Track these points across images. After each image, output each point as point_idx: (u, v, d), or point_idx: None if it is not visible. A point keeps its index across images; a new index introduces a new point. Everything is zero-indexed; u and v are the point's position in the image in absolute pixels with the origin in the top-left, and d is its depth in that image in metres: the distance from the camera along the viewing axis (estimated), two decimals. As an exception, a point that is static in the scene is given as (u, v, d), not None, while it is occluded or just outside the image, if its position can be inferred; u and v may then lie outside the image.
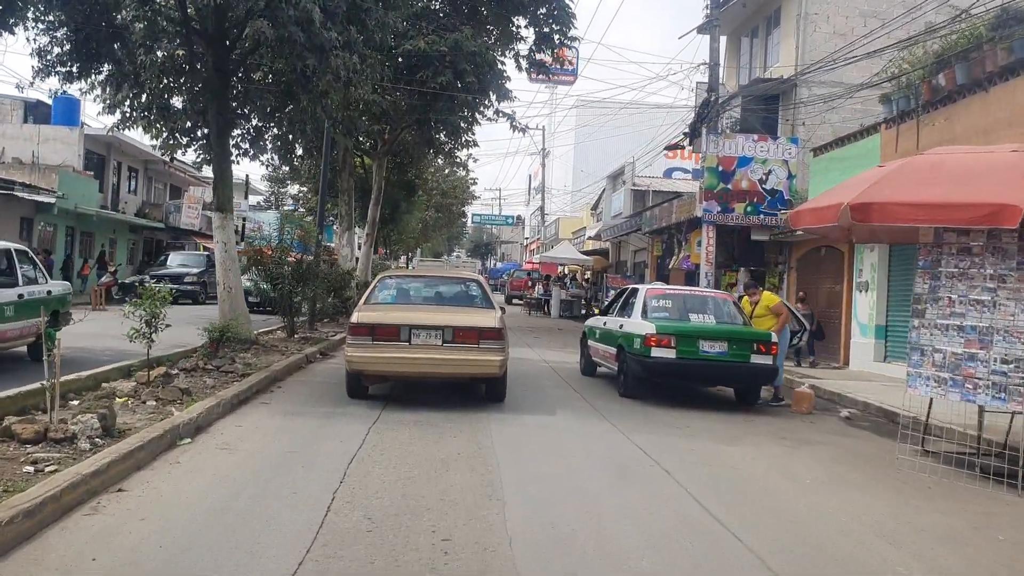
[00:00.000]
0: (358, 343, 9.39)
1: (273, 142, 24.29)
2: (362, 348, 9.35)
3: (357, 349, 9.39)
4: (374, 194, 26.41)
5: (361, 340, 9.37)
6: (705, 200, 20.33)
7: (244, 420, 8.10)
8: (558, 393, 11.18)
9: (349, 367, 9.62)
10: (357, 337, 9.41)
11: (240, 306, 13.20)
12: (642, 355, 10.29)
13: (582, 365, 13.41)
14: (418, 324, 9.33)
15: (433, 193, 43.66)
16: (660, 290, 11.49)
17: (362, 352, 9.37)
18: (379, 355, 9.32)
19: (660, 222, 23.65)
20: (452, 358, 9.27)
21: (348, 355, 9.46)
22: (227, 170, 13.72)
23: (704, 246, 20.46)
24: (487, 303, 10.52)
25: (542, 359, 15.63)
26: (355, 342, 9.42)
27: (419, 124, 22.43)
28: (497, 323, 9.56)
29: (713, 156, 20.46)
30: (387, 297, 10.77)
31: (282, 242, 15.64)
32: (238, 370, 10.56)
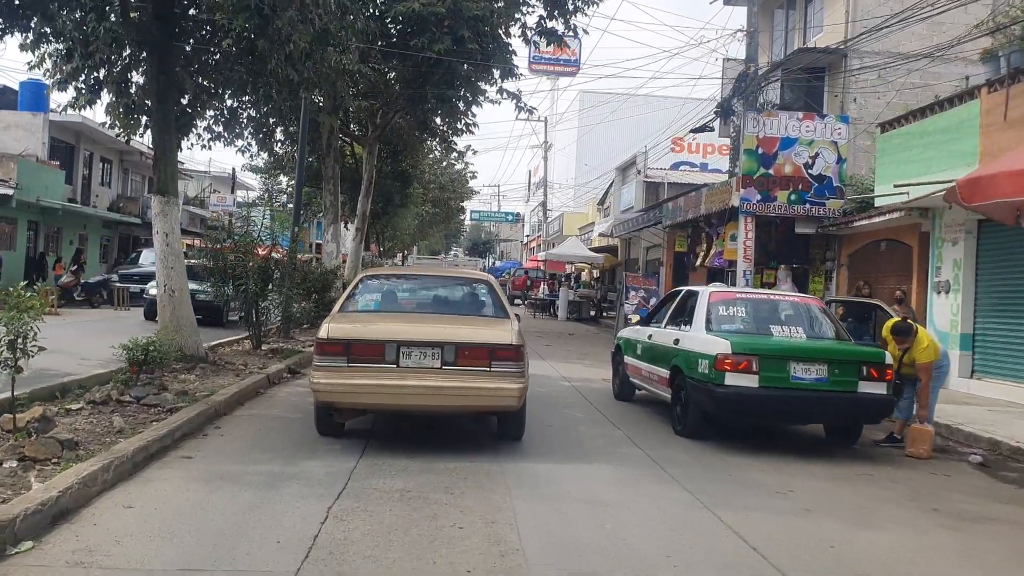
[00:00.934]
0: (328, 365, 6.86)
1: (249, 125, 21.79)
2: (333, 372, 6.81)
3: (327, 374, 6.84)
4: (364, 184, 23.74)
5: (332, 361, 6.85)
6: (743, 187, 17.63)
7: (141, 494, 5.39)
8: (594, 431, 8.45)
9: (316, 398, 7.06)
10: (327, 357, 6.89)
11: (185, 314, 10.49)
12: (711, 382, 7.59)
13: (615, 387, 10.70)
14: (409, 339, 6.83)
15: (431, 187, 40.90)
16: (728, 294, 8.75)
17: (333, 378, 6.81)
18: (356, 382, 6.78)
19: (685, 214, 20.94)
20: (454, 386, 6.76)
21: (314, 381, 6.92)
22: (170, 143, 11.01)
23: (741, 240, 17.77)
24: (501, 311, 7.92)
25: (560, 375, 12.93)
26: (324, 364, 6.89)
27: (413, 102, 19.70)
28: (515, 338, 6.96)
29: (752, 137, 17.76)
30: (369, 303, 8.16)
31: (247, 235, 12.89)
32: (166, 402, 7.84)
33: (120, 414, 7.38)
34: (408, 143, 26.65)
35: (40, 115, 30.06)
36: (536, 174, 70.39)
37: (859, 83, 18.13)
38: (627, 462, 7.04)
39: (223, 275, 12.41)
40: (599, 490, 6.03)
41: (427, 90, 18.37)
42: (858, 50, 17.95)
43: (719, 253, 19.81)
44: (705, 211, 19.63)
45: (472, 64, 18.04)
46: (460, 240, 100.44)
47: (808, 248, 18.74)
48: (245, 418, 8.10)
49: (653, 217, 24.95)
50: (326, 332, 6.97)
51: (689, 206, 20.86)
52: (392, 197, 28.88)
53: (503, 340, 6.90)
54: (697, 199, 20.29)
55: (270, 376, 10.31)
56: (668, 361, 8.58)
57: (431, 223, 45.55)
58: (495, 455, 7.00)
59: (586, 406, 9.94)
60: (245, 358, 11.84)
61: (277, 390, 10.00)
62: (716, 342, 7.72)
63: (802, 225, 17.93)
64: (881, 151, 14.49)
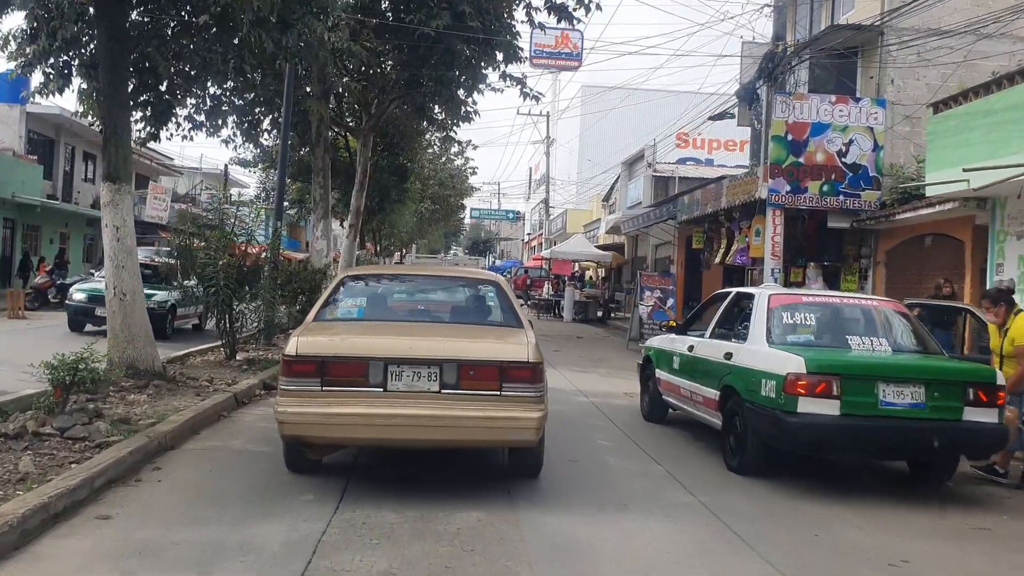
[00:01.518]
0: (297, 390, 5.42)
1: (234, 114, 20.23)
2: (304, 399, 5.38)
3: (296, 400, 5.39)
4: (358, 178, 22.16)
5: (302, 384, 5.41)
6: (771, 177, 16.06)
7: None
8: (628, 465, 6.87)
9: (282, 431, 5.54)
10: (296, 379, 5.43)
11: (138, 322, 8.91)
12: (779, 409, 6.03)
13: (644, 406, 9.11)
14: (400, 356, 5.42)
15: (430, 183, 39.33)
16: (792, 297, 7.14)
17: (304, 405, 5.36)
18: (332, 411, 5.34)
19: (703, 208, 19.37)
20: (456, 416, 5.34)
21: (280, 411, 5.41)
22: (122, 120, 9.45)
23: (769, 236, 16.20)
24: (513, 319, 6.46)
25: (575, 387, 11.35)
26: (293, 388, 5.44)
27: (409, 86, 18.13)
28: (531, 353, 5.53)
29: (781, 122, 16.19)
30: (351, 310, 6.59)
31: (221, 228, 11.32)
32: (97, 435, 6.28)
33: (33, 452, 5.82)
34: (405, 134, 25.08)
35: (16, 107, 28.50)
36: (537, 171, 68.83)
37: (896, 63, 16.55)
38: (678, 515, 5.47)
39: (187, 275, 10.85)
40: (652, 562, 4.47)
41: (424, 72, 16.81)
42: (895, 27, 16.38)
43: (742, 250, 18.24)
44: (726, 204, 18.06)
45: (473, 44, 16.48)
46: (460, 239, 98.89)
47: (841, 244, 17.17)
48: (196, 453, 6.52)
49: (666, 212, 23.37)
50: (294, 347, 5.48)
51: (708, 199, 19.29)
52: (388, 192, 27.28)
53: (517, 356, 5.49)
54: (717, 191, 18.72)
55: (238, 395, 8.74)
56: (717, 380, 7.01)
57: (430, 221, 43.95)
58: (509, 503, 5.50)
59: (612, 430, 8.37)
60: (214, 371, 10.28)
61: (245, 412, 8.43)
62: (785, 358, 6.15)
63: (835, 219, 16.36)
64: (933, 134, 12.91)
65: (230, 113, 19.99)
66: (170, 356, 11.13)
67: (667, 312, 18.06)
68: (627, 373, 13.44)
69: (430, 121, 19.95)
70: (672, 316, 18.11)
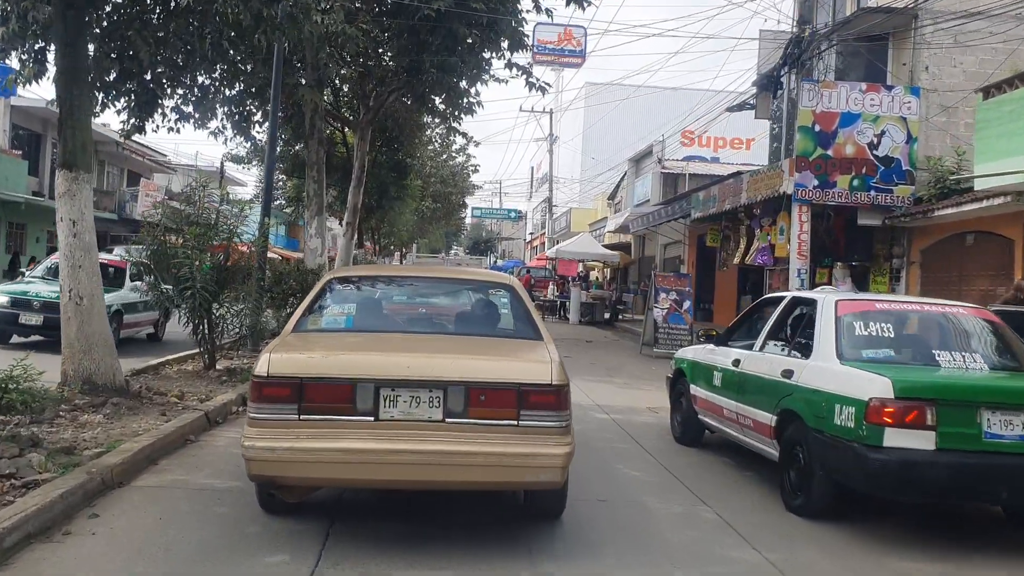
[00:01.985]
0: (269, 419, 4.42)
1: (224, 105, 19.16)
2: (277, 430, 4.38)
3: (267, 432, 4.39)
4: (355, 173, 21.10)
5: (275, 412, 4.42)
6: (798, 171, 14.94)
7: None
8: (670, 507, 5.72)
9: (249, 470, 4.48)
10: (267, 405, 4.45)
11: (98, 330, 7.77)
12: (860, 442, 4.91)
13: (676, 426, 7.96)
14: (395, 376, 4.44)
15: (431, 180, 38.19)
16: (864, 304, 5.97)
17: (277, 438, 4.35)
18: (312, 446, 4.35)
19: (721, 204, 18.23)
20: (464, 452, 4.35)
21: (247, 445, 4.39)
22: (81, 100, 8.31)
23: (795, 233, 15.09)
24: (530, 330, 5.47)
25: (592, 401, 10.22)
26: (264, 416, 4.44)
27: (409, 73, 17.02)
28: (555, 374, 4.54)
29: (808, 111, 15.08)
30: (338, 319, 5.58)
31: (198, 223, 10.20)
32: (29, 468, 5.17)
33: (-61, 495, 4.70)
34: (404, 128, 23.96)
35: (0, 100, 27.38)
36: (539, 169, 67.70)
37: (931, 48, 15.43)
38: (743, 579, 4.35)
39: (161, 275, 9.75)
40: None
41: (425, 59, 15.69)
42: (929, 9, 15.27)
43: (763, 249, 17.11)
44: (747, 200, 16.93)
45: (476, 27, 15.37)
46: (461, 239, 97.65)
47: (871, 242, 16.05)
48: (149, 493, 5.39)
49: (678, 209, 22.25)
50: (265, 365, 4.49)
51: (726, 195, 18.16)
52: (387, 189, 26.16)
53: (538, 376, 4.51)
54: (736, 187, 17.58)
55: (211, 413, 7.61)
56: (773, 402, 5.88)
57: (431, 219, 42.80)
58: (529, 559, 4.41)
59: (641, 457, 7.23)
60: (188, 384, 9.16)
61: (217, 434, 7.29)
62: (866, 380, 5.02)
63: (866, 216, 15.24)
64: (983, 122, 11.79)
65: (220, 104, 19.01)
66: (140, 367, 10.02)
67: (683, 315, 16.94)
68: (646, 383, 12.32)
69: (431, 112, 18.78)
70: (689, 319, 17.01)
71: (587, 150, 53.05)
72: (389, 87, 20.00)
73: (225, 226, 10.43)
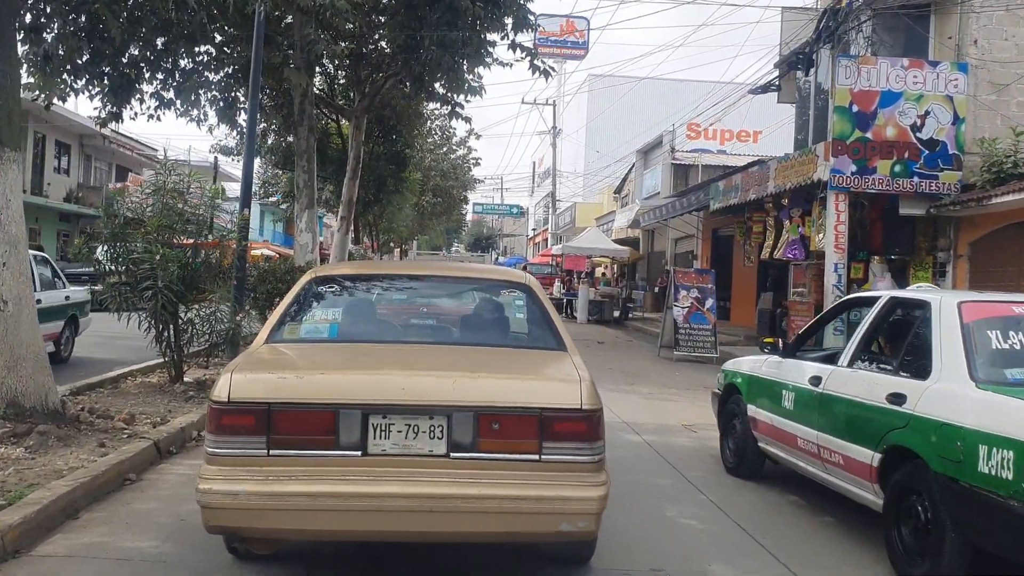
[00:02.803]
0: (231, 454, 3.61)
1: (208, 91, 17.87)
2: (240, 468, 3.58)
3: (228, 471, 3.59)
4: (351, 164, 19.80)
5: (239, 446, 3.60)
6: (834, 155, 13.57)
7: None
8: (738, 571, 4.37)
9: (206, 520, 3.63)
10: (228, 438, 3.61)
11: (26, 340, 6.40)
12: (1019, 498, 3.53)
13: (729, 455, 6.56)
14: (387, 400, 3.64)
15: (431, 174, 36.84)
16: (998, 306, 4.54)
17: (240, 480, 3.55)
18: (284, 490, 3.54)
19: (745, 193, 16.85)
20: (474, 496, 3.56)
21: (204, 488, 3.56)
22: (7, 63, 6.91)
23: (831, 225, 13.73)
24: (552, 339, 4.55)
25: (618, 417, 8.85)
26: (224, 451, 3.61)
27: (406, 52, 15.65)
28: (587, 395, 3.70)
29: (845, 91, 13.71)
30: (320, 326, 4.67)
31: (162, 214, 8.84)
32: None
33: None
34: (403, 117, 22.60)
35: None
36: (541, 164, 66.33)
37: (980, 20, 14.04)
38: None
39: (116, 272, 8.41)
40: None
41: (423, 35, 14.33)
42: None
43: (794, 242, 15.74)
44: (774, 189, 15.54)
45: (480, 0, 14.02)
46: (461, 235, 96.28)
47: (913, 234, 14.66)
48: (51, 568, 4.02)
49: (695, 201, 20.87)
50: (225, 388, 3.63)
51: (750, 184, 16.77)
52: (385, 182, 24.81)
53: (565, 399, 3.68)
54: (762, 174, 16.20)
55: (162, 442, 6.25)
56: (876, 435, 4.51)
57: (431, 214, 41.42)
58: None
59: (693, 497, 5.84)
60: (145, 402, 7.81)
61: (168, 469, 5.94)
62: None
63: (908, 204, 13.86)
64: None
65: (203, 89, 17.70)
66: (97, 380, 8.67)
67: (705, 314, 15.57)
68: (674, 393, 10.98)
69: (430, 95, 17.39)
70: (712, 319, 15.64)
71: (590, 143, 51.75)
72: (386, 72, 18.69)
73: (195, 218, 9.06)
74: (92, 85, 16.24)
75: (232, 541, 4.03)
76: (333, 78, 23.42)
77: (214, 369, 10.32)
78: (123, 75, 16.57)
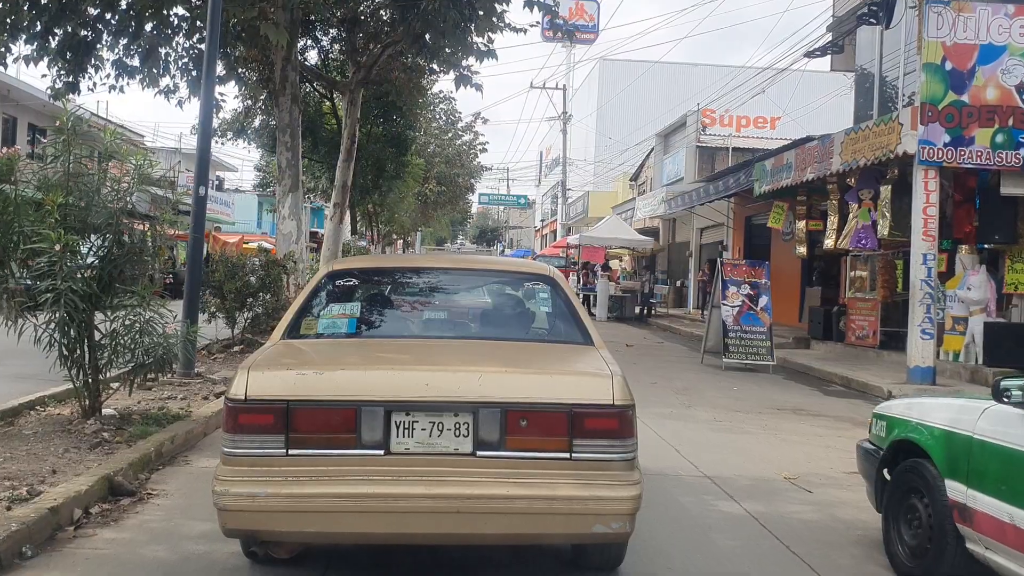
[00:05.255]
0: (250, 455, 3.47)
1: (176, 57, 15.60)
2: (260, 469, 3.44)
3: (247, 472, 3.44)
4: (345, 145, 17.51)
5: (258, 447, 3.46)
6: (923, 123, 11.20)
7: None
8: None
9: (223, 523, 3.49)
10: (246, 438, 3.47)
11: None
12: None
13: (904, 551, 4.12)
14: (410, 397, 3.51)
15: (435, 160, 34.49)
16: None
17: (259, 482, 3.40)
18: (304, 491, 3.40)
19: (800, 173, 14.40)
20: (503, 496, 3.41)
21: (221, 490, 3.41)
22: None
23: (919, 207, 11.37)
24: (578, 333, 4.35)
25: (687, 460, 6.52)
26: (242, 452, 3.48)
27: (404, 10, 13.30)
28: (619, 390, 3.51)
29: (936, 43, 11.33)
30: (337, 321, 4.40)
31: (65, 188, 6.52)
32: None
33: None
34: (403, 92, 20.21)
35: (-64, 68, 23.70)
36: (549, 154, 63.87)
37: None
38: None
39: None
40: None
41: None
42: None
43: (864, 229, 13.37)
44: (841, 167, 13.15)
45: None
46: (467, 228, 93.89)
47: (1012, 219, 12.27)
48: None
49: (735, 184, 18.47)
50: (243, 385, 3.46)
51: (807, 161, 14.36)
52: (384, 165, 22.44)
53: (596, 395, 3.51)
54: (824, 150, 13.80)
55: (4, 547, 3.89)
56: None
57: (435, 204, 39.04)
58: None
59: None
60: (32, 452, 5.52)
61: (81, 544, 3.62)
62: None
63: (1012, 183, 11.51)
64: None
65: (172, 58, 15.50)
66: None
67: (759, 315, 13.20)
68: (745, 419, 8.64)
69: (432, 55, 14.99)
70: (767, 319, 13.26)
71: (601, 130, 49.41)
72: (383, 41, 16.40)
73: (114, 194, 6.75)
74: (43, 51, 14.07)
75: (250, 544, 3.92)
76: (327, 51, 21.13)
77: (157, 392, 8.03)
78: (79, 40, 14.36)
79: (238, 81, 18.02)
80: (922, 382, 11.10)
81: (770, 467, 6.43)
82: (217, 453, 6.31)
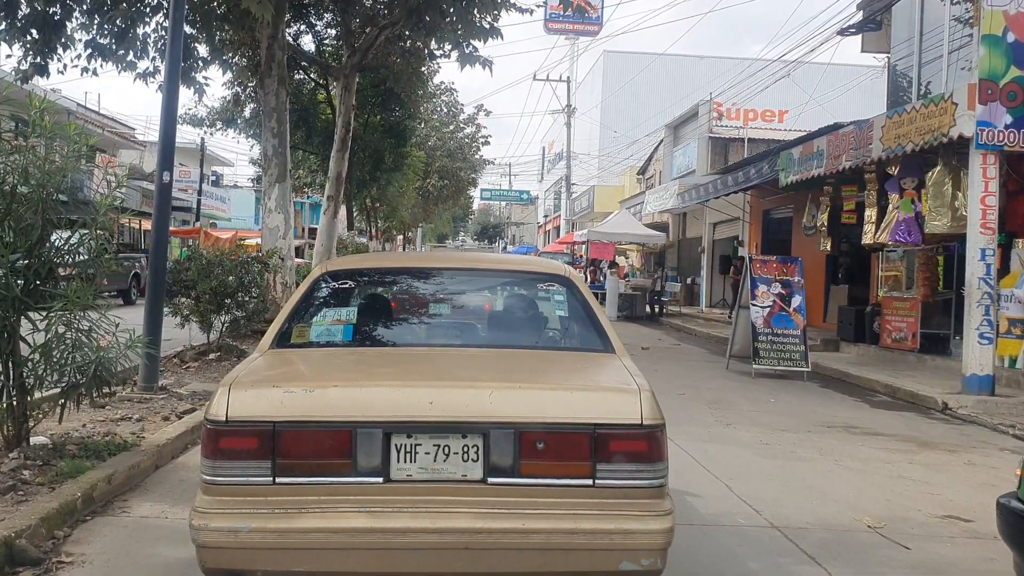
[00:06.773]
0: (231, 483, 3.07)
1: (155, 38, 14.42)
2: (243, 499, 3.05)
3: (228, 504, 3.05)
4: (339, 133, 16.40)
5: (241, 475, 3.07)
6: (981, 102, 10.00)
7: None
8: None
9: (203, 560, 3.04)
10: (227, 464, 3.07)
11: None
12: None
13: None
14: (412, 417, 3.10)
15: (436, 154, 33.31)
16: None
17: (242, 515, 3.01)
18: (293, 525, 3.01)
19: (834, 161, 13.19)
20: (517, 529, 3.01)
21: (198, 524, 3.00)
22: None
23: (976, 196, 10.19)
24: (598, 340, 3.92)
25: (749, 506, 5.33)
26: (223, 480, 3.07)
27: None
28: (647, 408, 3.07)
29: (997, 12, 10.13)
30: (330, 329, 4.01)
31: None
32: None
33: None
34: (401, 78, 19.03)
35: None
36: (551, 149, 62.68)
37: None
38: None
39: None
40: None
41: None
42: None
43: (906, 222, 12.17)
44: (882, 153, 11.95)
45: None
46: (468, 225, 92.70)
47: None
48: None
49: (754, 175, 17.28)
50: (223, 405, 3.10)
51: (842, 149, 13.16)
52: (382, 156, 21.25)
53: (622, 413, 3.11)
54: (861, 136, 12.59)
55: None
56: None
57: (437, 199, 37.86)
58: None
59: None
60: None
61: None
62: None
63: (1079, 169, 10.33)
64: None
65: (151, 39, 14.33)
66: None
67: (792, 316, 12.01)
68: (795, 439, 7.46)
69: (430, 32, 13.77)
70: (800, 321, 12.06)
71: (605, 123, 48.22)
72: (380, 24, 15.25)
73: (37, 177, 5.59)
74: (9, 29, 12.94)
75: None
76: (322, 37, 19.98)
77: (116, 408, 6.88)
78: (47, 18, 13.21)
79: (222, 65, 16.83)
80: (980, 392, 9.93)
81: (845, 509, 5.24)
82: (167, 493, 5.09)
